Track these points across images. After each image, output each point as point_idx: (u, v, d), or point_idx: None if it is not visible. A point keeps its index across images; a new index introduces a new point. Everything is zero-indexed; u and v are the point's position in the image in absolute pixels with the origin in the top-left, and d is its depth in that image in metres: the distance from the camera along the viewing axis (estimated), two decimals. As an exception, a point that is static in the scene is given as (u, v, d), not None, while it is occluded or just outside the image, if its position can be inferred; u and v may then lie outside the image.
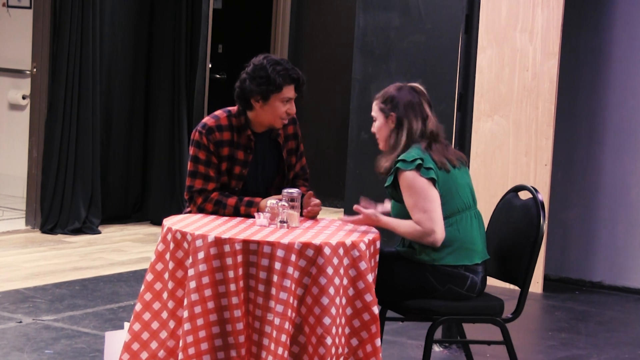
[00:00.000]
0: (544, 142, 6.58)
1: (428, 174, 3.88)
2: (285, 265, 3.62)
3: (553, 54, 6.55)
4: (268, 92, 4.11)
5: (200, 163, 4.16)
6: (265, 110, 4.16)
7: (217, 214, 4.13)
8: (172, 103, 8.37)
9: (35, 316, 5.38)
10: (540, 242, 4.01)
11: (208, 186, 4.15)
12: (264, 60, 4.16)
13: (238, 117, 4.22)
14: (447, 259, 3.94)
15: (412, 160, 3.89)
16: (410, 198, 3.89)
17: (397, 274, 3.96)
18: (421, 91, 4.07)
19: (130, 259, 6.95)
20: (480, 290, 4.03)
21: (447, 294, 3.96)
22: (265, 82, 4.10)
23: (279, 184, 4.33)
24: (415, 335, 5.32)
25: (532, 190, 4.13)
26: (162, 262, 3.86)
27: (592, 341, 5.56)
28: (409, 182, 3.88)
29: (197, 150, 4.17)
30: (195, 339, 3.64)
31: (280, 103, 4.14)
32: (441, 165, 3.93)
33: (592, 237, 6.95)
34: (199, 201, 4.14)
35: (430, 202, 3.87)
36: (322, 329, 3.61)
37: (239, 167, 4.22)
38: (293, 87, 4.15)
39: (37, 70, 7.79)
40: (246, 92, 4.15)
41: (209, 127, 4.18)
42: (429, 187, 3.87)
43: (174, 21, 8.34)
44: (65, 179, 7.73)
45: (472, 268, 3.97)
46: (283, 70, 4.12)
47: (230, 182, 4.22)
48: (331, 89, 9.69)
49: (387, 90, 4.08)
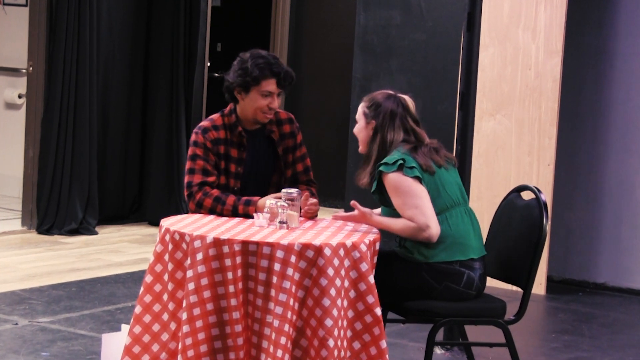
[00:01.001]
0: (547, 141, 6.58)
1: (412, 173, 3.90)
2: (284, 267, 3.62)
3: (556, 52, 6.55)
4: (246, 84, 4.23)
5: (198, 159, 4.24)
6: (247, 102, 4.28)
7: (214, 211, 4.15)
8: (170, 102, 8.37)
9: (32, 318, 5.38)
10: (543, 243, 4.01)
11: (208, 179, 4.21)
12: (249, 53, 4.29)
13: (229, 115, 4.34)
14: (440, 256, 3.96)
15: (393, 162, 3.91)
16: (398, 198, 3.91)
17: (395, 274, 3.97)
18: (407, 106, 4.09)
19: (127, 260, 6.96)
20: (479, 287, 4.03)
21: (446, 292, 3.97)
22: (244, 74, 4.23)
23: (278, 183, 4.36)
24: (416, 338, 5.32)
25: (535, 190, 4.13)
26: (161, 264, 3.87)
27: (596, 343, 5.56)
28: (394, 183, 3.91)
29: (195, 148, 4.26)
30: (194, 341, 3.64)
31: (260, 96, 4.24)
32: (426, 168, 3.95)
33: (596, 237, 6.95)
34: (198, 196, 4.18)
35: (420, 198, 3.89)
36: (324, 331, 3.61)
37: (234, 164, 4.28)
38: (274, 81, 4.24)
39: (33, 68, 7.79)
40: (229, 84, 4.30)
41: (204, 127, 4.30)
42: (415, 184, 3.90)
43: (172, 19, 8.34)
44: (62, 178, 7.73)
45: (467, 263, 3.98)
46: (264, 64, 4.22)
47: (229, 181, 4.26)
48: (331, 87, 9.69)
49: (375, 95, 4.13)
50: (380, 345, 3.75)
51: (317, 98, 9.71)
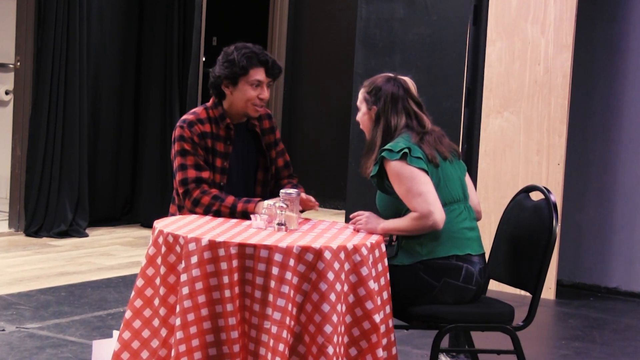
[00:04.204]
0: (556, 139, 6.59)
1: (418, 164, 3.92)
2: (283, 270, 3.62)
3: (566, 46, 6.56)
4: (235, 75, 4.27)
5: (188, 154, 4.25)
6: (235, 96, 4.31)
7: (210, 210, 4.15)
8: (163, 99, 8.38)
9: (19, 324, 5.39)
10: (553, 245, 4.01)
11: (202, 174, 4.22)
12: (233, 46, 4.34)
13: (215, 108, 4.36)
14: (436, 251, 3.97)
15: (398, 150, 3.93)
16: (401, 185, 3.93)
17: (394, 281, 3.98)
18: (408, 88, 4.11)
19: (119, 264, 6.96)
20: (479, 282, 4.03)
21: (446, 290, 3.97)
22: (231, 65, 4.27)
23: (264, 180, 4.41)
24: (420, 344, 5.32)
25: (544, 190, 4.13)
26: (153, 267, 3.87)
27: (608, 350, 5.56)
28: (396, 170, 3.93)
29: (182, 143, 4.27)
30: (188, 348, 3.64)
31: (250, 87, 4.29)
32: (431, 159, 3.98)
33: (608, 240, 6.95)
34: (195, 193, 4.18)
35: (424, 184, 3.92)
36: (323, 337, 3.61)
37: (220, 159, 4.32)
38: (262, 70, 4.30)
39: (21, 63, 7.80)
40: (216, 79, 4.33)
41: (189, 121, 4.31)
42: (418, 171, 3.92)
43: (166, 11, 8.35)
44: (51, 178, 7.74)
45: (464, 258, 3.99)
46: (250, 53, 4.29)
47: (215, 176, 4.30)
48: (332, 83, 9.70)
49: (375, 79, 4.17)
50: (377, 353, 3.75)
51: (316, 95, 9.72)
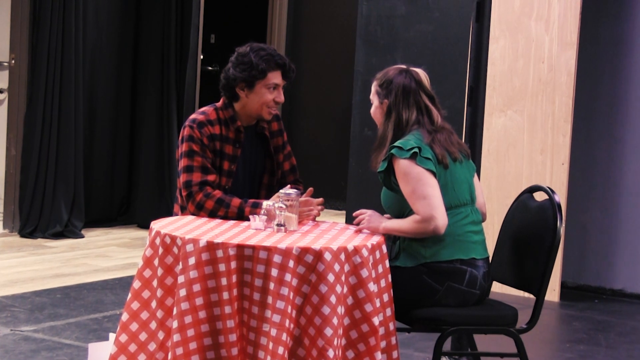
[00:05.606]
0: (561, 139, 6.58)
1: (427, 165, 3.92)
2: (282, 272, 3.62)
3: (571, 44, 6.56)
4: (252, 78, 4.23)
5: (196, 156, 4.21)
6: (251, 99, 4.27)
7: (215, 214, 4.14)
8: (160, 97, 8.38)
9: (14, 326, 5.38)
10: (557, 246, 4.01)
11: (208, 177, 4.19)
12: (248, 47, 4.29)
13: (225, 109, 4.32)
14: (440, 254, 3.97)
15: (408, 149, 3.93)
16: (407, 185, 3.93)
17: (396, 285, 3.97)
18: (420, 80, 4.11)
19: (115, 265, 6.96)
20: (483, 286, 4.03)
21: (449, 294, 3.97)
22: (249, 67, 4.23)
23: (269, 184, 4.38)
24: (422, 347, 5.32)
25: (548, 191, 4.13)
26: (150, 269, 3.86)
27: (613, 353, 5.56)
28: (404, 169, 3.93)
29: (191, 144, 4.23)
30: (185, 352, 3.64)
31: (266, 90, 4.26)
32: (441, 159, 3.98)
33: (613, 241, 6.95)
34: (199, 197, 4.15)
35: (430, 187, 3.91)
36: (323, 340, 3.61)
37: (228, 162, 4.29)
38: (279, 73, 4.28)
39: (16, 61, 7.79)
40: (230, 81, 4.28)
41: (199, 121, 4.27)
42: (426, 173, 3.92)
43: (163, 8, 8.34)
44: (46, 179, 7.73)
45: (468, 261, 3.99)
46: (267, 56, 4.25)
47: (221, 179, 4.26)
48: (332, 82, 9.70)
49: (387, 71, 4.17)
50: (375, 356, 3.74)
51: (316, 93, 9.71)
